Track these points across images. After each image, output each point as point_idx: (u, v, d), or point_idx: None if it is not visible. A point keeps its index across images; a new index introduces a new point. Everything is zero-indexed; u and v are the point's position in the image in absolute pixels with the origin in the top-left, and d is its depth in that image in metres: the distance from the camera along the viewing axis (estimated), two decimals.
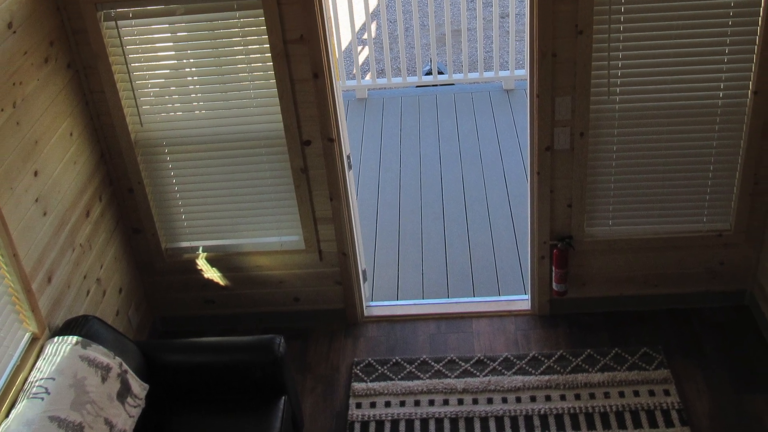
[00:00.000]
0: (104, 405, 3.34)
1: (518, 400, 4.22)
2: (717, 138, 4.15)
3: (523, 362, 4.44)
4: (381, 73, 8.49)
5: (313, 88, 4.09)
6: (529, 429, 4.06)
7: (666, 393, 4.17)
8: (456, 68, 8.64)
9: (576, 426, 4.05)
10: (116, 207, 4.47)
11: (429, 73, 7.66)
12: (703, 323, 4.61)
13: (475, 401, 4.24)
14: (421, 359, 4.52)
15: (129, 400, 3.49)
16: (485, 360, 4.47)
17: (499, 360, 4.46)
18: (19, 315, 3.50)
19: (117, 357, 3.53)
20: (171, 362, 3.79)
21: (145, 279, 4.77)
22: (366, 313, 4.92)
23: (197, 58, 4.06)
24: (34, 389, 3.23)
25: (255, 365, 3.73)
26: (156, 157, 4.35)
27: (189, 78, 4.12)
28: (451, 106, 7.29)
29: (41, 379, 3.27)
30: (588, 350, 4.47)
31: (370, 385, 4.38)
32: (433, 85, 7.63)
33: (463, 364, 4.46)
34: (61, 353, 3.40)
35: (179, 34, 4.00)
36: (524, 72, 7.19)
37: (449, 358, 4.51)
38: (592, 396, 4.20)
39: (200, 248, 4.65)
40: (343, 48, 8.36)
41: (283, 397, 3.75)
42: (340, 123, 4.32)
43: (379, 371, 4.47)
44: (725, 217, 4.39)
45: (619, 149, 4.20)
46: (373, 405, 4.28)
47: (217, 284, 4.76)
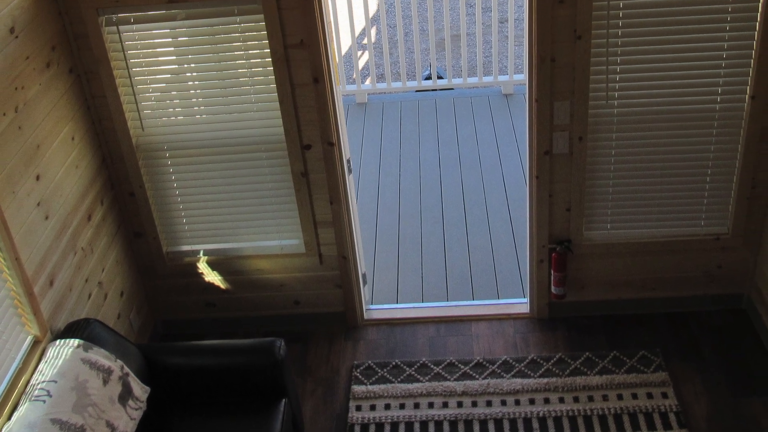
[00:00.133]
0: (106, 407, 3.35)
1: (517, 403, 4.23)
2: (715, 142, 4.17)
3: (522, 365, 4.45)
4: (381, 78, 8.52)
5: (314, 93, 4.11)
6: None
7: (664, 396, 4.19)
8: (455, 73, 8.67)
9: (575, 428, 4.07)
10: (118, 211, 4.49)
11: (428, 78, 7.68)
12: (701, 326, 4.63)
13: (474, 404, 4.26)
14: (421, 362, 4.54)
15: (130, 403, 3.50)
16: (484, 363, 4.49)
17: (498, 363, 4.48)
18: (21, 318, 3.52)
19: (118, 360, 3.55)
20: (172, 365, 3.81)
21: (147, 282, 4.79)
22: (366, 316, 4.94)
23: (198, 63, 4.08)
24: (36, 392, 3.24)
25: (256, 368, 3.75)
26: (157, 162, 4.37)
27: (190, 83, 4.14)
28: (451, 111, 7.32)
29: (43, 382, 3.28)
30: (586, 353, 4.49)
31: (370, 388, 4.40)
32: (433, 90, 7.66)
33: (463, 367, 4.48)
34: (63, 356, 3.41)
35: (180, 39, 4.02)
36: (523, 77, 7.22)
37: (448, 361, 4.53)
38: (591, 399, 4.22)
39: (201, 252, 4.67)
40: (343, 53, 8.38)
41: (284, 400, 3.77)
42: (340, 127, 4.34)
43: (379, 374, 4.49)
44: (723, 221, 4.42)
45: (618, 153, 4.22)
46: (373, 407, 4.30)
47: (218, 287, 4.78)
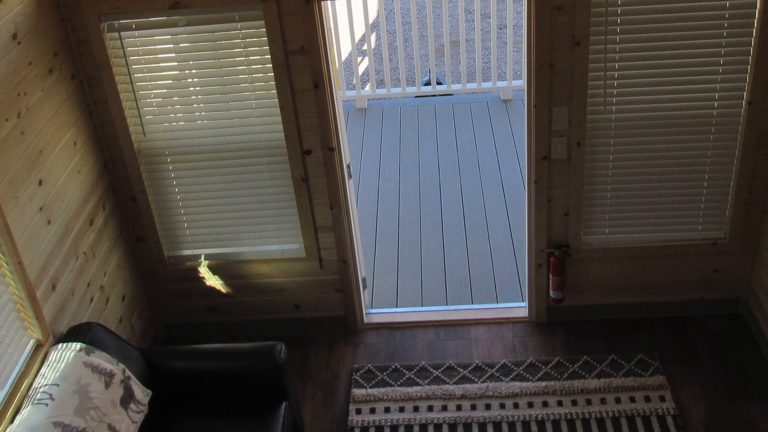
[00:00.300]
0: (108, 411, 3.37)
1: (516, 406, 4.26)
2: (712, 148, 4.19)
3: (521, 369, 4.48)
4: (380, 84, 8.54)
5: (314, 98, 4.14)
6: None
7: (662, 399, 4.21)
8: (454, 79, 8.69)
9: (573, 431, 4.10)
10: (119, 216, 4.51)
11: (428, 84, 7.70)
12: (698, 331, 4.65)
13: (474, 407, 4.28)
14: (420, 366, 4.56)
15: (132, 406, 3.52)
16: (483, 366, 4.51)
17: (497, 366, 4.50)
18: (24, 322, 3.54)
19: (120, 363, 3.57)
20: (173, 369, 3.83)
21: (148, 286, 4.81)
22: (366, 321, 4.96)
23: (199, 69, 4.10)
24: (39, 395, 3.26)
25: (256, 372, 3.77)
26: (158, 167, 4.39)
27: (191, 88, 4.16)
28: (450, 116, 7.35)
29: (45, 385, 3.30)
30: (585, 357, 4.51)
31: (370, 391, 4.42)
32: (432, 96, 7.68)
33: (462, 371, 4.50)
34: (65, 360, 3.43)
35: (181, 45, 4.05)
36: (522, 82, 7.23)
37: (448, 365, 4.55)
38: (589, 402, 4.24)
39: (202, 256, 4.69)
40: (343, 59, 8.41)
41: (284, 403, 3.79)
42: (340, 132, 4.37)
43: (379, 377, 4.51)
44: (720, 226, 4.44)
45: (616, 159, 4.24)
46: (373, 411, 4.32)
47: (219, 292, 4.80)
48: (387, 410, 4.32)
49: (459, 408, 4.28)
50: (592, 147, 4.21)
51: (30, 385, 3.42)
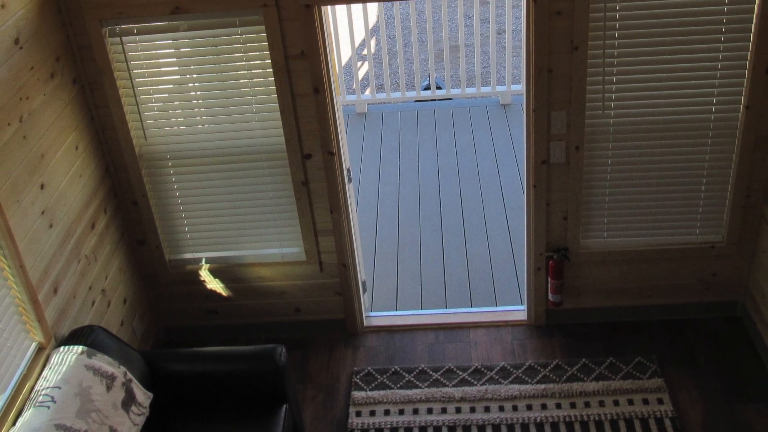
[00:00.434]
0: (109, 413, 3.38)
1: (515, 409, 4.27)
2: (710, 152, 4.21)
3: (520, 371, 4.49)
4: (380, 88, 8.56)
5: (314, 103, 4.16)
6: None
7: (660, 402, 4.23)
8: (454, 83, 8.71)
9: None
10: (121, 219, 4.53)
11: (427, 88, 7.73)
12: (696, 333, 4.67)
13: (473, 409, 4.29)
14: (420, 368, 4.58)
15: (133, 409, 3.54)
16: (482, 369, 4.53)
17: (496, 369, 4.52)
18: (26, 325, 3.56)
19: (121, 366, 3.59)
20: (174, 371, 3.84)
21: (149, 290, 4.83)
22: (366, 324, 4.98)
23: (200, 74, 4.12)
24: (41, 398, 3.28)
25: (257, 375, 3.79)
26: (160, 171, 4.41)
27: (192, 93, 4.18)
28: (449, 121, 7.36)
29: (47, 388, 3.32)
30: (583, 360, 4.53)
31: (370, 394, 4.44)
32: (432, 100, 7.70)
33: (461, 373, 4.52)
34: (67, 362, 3.45)
35: (182, 50, 4.07)
36: (521, 87, 7.27)
37: (447, 368, 4.56)
38: (587, 404, 4.25)
39: (203, 260, 4.71)
40: (343, 63, 8.43)
41: (285, 406, 3.81)
42: (340, 137, 4.39)
43: (379, 380, 4.53)
44: (718, 230, 4.46)
45: (614, 163, 4.26)
46: (373, 413, 4.33)
47: (220, 295, 4.82)
48: (387, 413, 4.33)
49: (458, 411, 4.30)
50: (591, 151, 4.23)
51: (32, 388, 3.43)
